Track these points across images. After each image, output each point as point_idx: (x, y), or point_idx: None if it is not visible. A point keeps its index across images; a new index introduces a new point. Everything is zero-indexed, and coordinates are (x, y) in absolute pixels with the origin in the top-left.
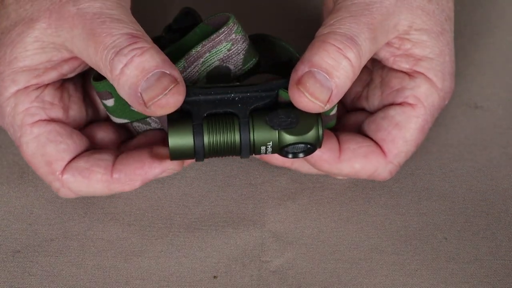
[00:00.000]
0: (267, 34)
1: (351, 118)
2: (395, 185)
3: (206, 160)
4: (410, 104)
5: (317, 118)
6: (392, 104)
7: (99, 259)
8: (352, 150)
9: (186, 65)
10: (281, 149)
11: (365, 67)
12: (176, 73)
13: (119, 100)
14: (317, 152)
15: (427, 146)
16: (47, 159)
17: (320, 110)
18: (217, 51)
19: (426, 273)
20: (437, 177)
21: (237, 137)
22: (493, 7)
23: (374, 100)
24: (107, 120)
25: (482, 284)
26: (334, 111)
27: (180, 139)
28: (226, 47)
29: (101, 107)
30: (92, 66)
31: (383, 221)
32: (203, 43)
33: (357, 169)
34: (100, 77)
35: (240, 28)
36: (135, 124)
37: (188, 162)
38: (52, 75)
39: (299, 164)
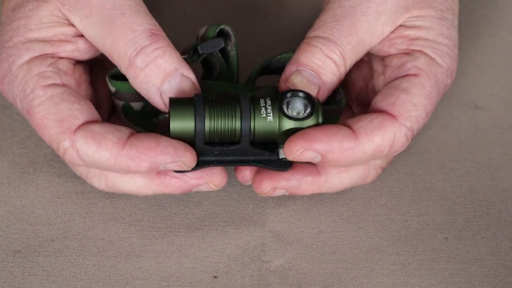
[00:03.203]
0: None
1: None
2: (395, 185)
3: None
4: (414, 74)
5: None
6: (396, 78)
7: (99, 259)
8: (365, 127)
9: None
10: (280, 101)
11: (364, 61)
12: (192, 75)
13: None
14: (335, 143)
15: (427, 146)
16: (60, 117)
17: None
18: None
19: (427, 273)
20: (437, 177)
21: (238, 124)
22: (494, 7)
23: (379, 85)
24: (108, 117)
25: (482, 284)
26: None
27: (181, 123)
28: None
29: (104, 101)
30: (104, 53)
31: (383, 221)
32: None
33: (378, 143)
34: (117, 76)
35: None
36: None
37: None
38: (68, 48)
39: (327, 187)
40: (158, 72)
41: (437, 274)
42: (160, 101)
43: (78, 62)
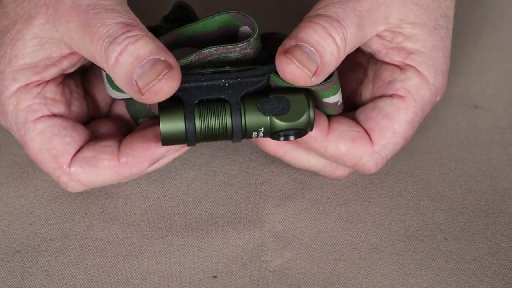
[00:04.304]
0: (274, 32)
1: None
2: (395, 185)
3: (206, 159)
4: (400, 96)
5: (308, 102)
6: (382, 96)
7: (99, 259)
8: (341, 131)
9: (193, 60)
10: (272, 134)
11: (360, 65)
12: (171, 59)
13: None
14: None
15: (427, 146)
16: (53, 153)
17: (307, 80)
18: (227, 57)
19: (426, 273)
20: (437, 177)
21: (229, 123)
22: (493, 7)
23: (366, 93)
24: (107, 116)
25: (481, 284)
26: (335, 100)
27: (172, 125)
28: (238, 57)
29: (102, 103)
30: (90, 59)
31: (383, 221)
32: (218, 47)
33: (342, 152)
34: None
35: (257, 44)
36: (140, 121)
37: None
38: (53, 72)
39: (291, 155)
40: (130, 58)
41: (436, 274)
42: (135, 89)
43: (68, 76)
